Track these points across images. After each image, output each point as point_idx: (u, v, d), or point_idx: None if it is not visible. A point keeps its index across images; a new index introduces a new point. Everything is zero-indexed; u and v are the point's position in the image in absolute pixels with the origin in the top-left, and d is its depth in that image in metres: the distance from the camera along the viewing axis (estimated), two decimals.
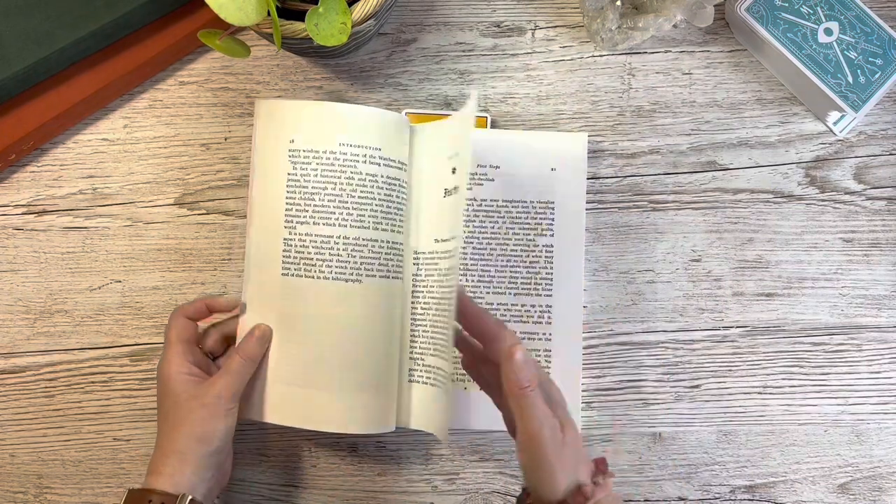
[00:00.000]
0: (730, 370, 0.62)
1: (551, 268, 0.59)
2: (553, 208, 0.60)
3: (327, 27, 0.50)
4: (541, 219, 0.60)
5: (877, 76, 0.61)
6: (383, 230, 0.56)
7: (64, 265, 0.61)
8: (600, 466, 0.47)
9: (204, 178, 0.62)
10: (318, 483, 0.60)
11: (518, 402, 0.45)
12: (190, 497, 0.48)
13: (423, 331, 0.59)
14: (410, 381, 0.59)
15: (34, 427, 0.60)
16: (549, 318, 0.59)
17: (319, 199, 0.55)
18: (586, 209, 0.61)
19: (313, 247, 0.55)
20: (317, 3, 0.50)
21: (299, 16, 0.51)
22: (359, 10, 0.52)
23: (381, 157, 0.56)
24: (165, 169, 0.62)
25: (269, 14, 0.49)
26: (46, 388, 0.60)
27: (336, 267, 0.55)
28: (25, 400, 0.60)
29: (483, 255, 0.59)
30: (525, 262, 0.59)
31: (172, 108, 0.63)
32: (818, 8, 0.61)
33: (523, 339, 0.59)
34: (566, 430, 0.45)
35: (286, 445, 0.60)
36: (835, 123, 0.63)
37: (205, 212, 0.62)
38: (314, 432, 0.60)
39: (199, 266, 0.61)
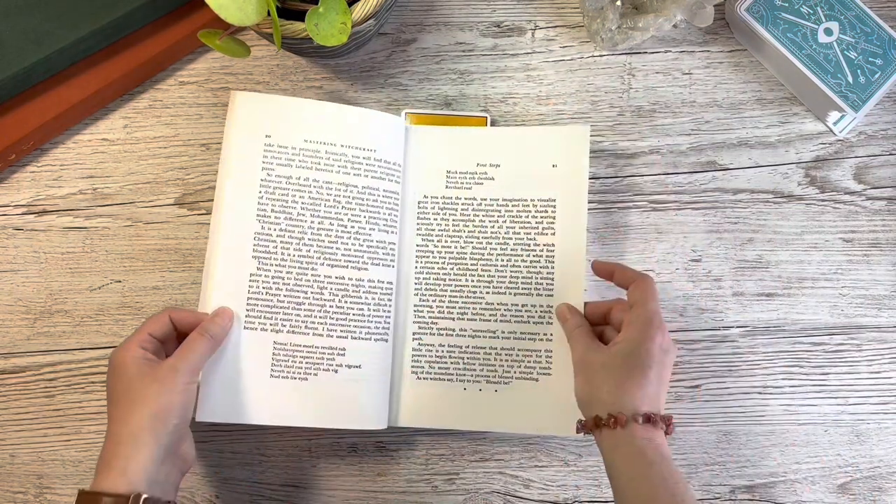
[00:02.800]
0: (730, 370, 0.62)
1: (552, 267, 0.59)
2: (555, 206, 0.59)
3: (327, 27, 0.50)
4: (542, 217, 0.60)
5: (877, 76, 0.61)
6: (362, 226, 0.56)
7: (64, 265, 0.61)
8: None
9: (204, 178, 0.62)
10: (318, 483, 0.60)
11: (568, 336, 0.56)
12: (144, 496, 0.45)
13: (426, 324, 0.59)
14: (415, 375, 0.59)
15: (34, 427, 0.60)
16: (549, 318, 0.59)
17: (294, 197, 0.55)
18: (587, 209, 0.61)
19: (290, 236, 0.55)
20: (317, 3, 0.50)
21: (299, 16, 0.51)
22: (359, 10, 0.52)
23: (374, 158, 0.57)
24: (165, 169, 0.62)
25: (269, 14, 0.49)
26: (46, 388, 0.60)
27: (316, 254, 0.55)
28: (25, 400, 0.60)
29: (483, 254, 0.59)
30: (526, 261, 0.59)
31: (172, 108, 0.63)
32: (818, 8, 0.61)
33: (523, 338, 0.59)
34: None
35: (286, 445, 0.60)
36: (835, 123, 0.63)
37: (205, 212, 0.62)
38: (314, 432, 0.60)
39: (198, 266, 0.61)
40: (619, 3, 0.61)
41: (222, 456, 0.60)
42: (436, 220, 0.60)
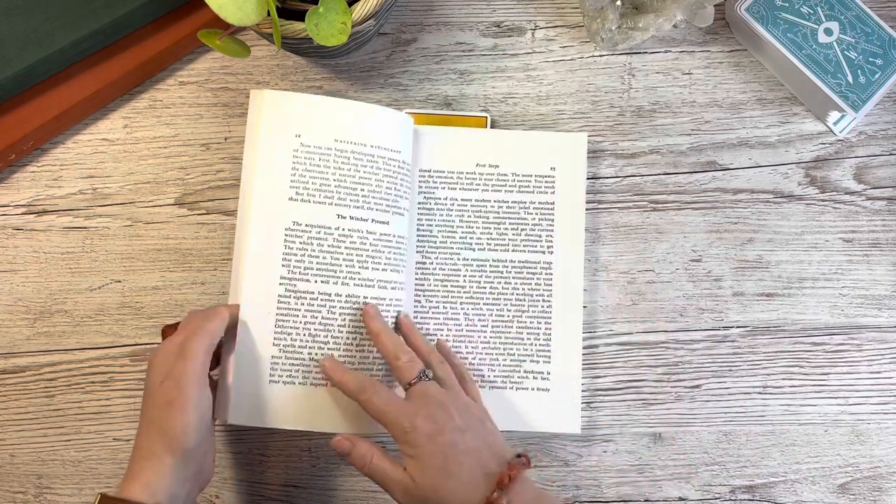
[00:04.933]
0: (730, 370, 0.62)
1: (550, 269, 0.59)
2: (552, 208, 0.60)
3: (327, 27, 0.50)
4: (540, 219, 0.60)
5: (877, 76, 0.61)
6: (388, 224, 0.56)
7: (64, 265, 0.61)
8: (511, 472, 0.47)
9: (204, 178, 0.62)
10: (318, 483, 0.60)
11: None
12: None
13: (428, 329, 0.59)
14: None
15: (34, 427, 0.60)
16: (547, 319, 0.59)
17: (322, 189, 0.55)
18: (586, 209, 0.61)
19: (317, 241, 0.55)
20: (317, 3, 0.50)
21: (299, 16, 0.51)
22: (359, 10, 0.52)
23: (402, 161, 0.56)
24: (165, 169, 0.62)
25: (269, 14, 0.49)
26: (46, 388, 0.60)
27: (345, 264, 0.55)
28: (25, 400, 0.60)
29: (482, 255, 0.59)
30: (524, 262, 0.59)
31: (172, 108, 0.63)
32: (818, 8, 0.61)
33: (522, 341, 0.59)
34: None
35: (286, 445, 0.60)
36: (835, 123, 0.63)
37: (205, 212, 0.62)
38: (314, 432, 0.60)
39: (199, 266, 0.61)
40: (619, 3, 0.61)
41: (222, 456, 0.60)
42: (435, 220, 0.60)
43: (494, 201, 0.60)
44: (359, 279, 0.54)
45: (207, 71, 0.63)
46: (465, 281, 0.59)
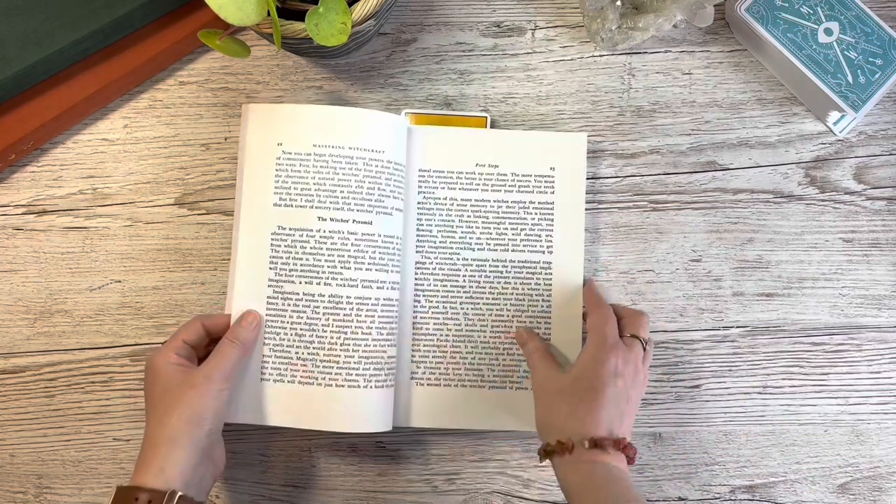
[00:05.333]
0: (730, 370, 0.62)
1: (550, 270, 0.59)
2: (552, 208, 0.60)
3: (327, 27, 0.50)
4: (539, 219, 0.60)
5: (877, 76, 0.61)
6: (371, 224, 0.56)
7: (64, 265, 0.61)
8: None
9: (204, 178, 0.62)
10: (318, 483, 0.60)
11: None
12: (179, 493, 0.47)
13: (427, 329, 0.59)
14: (413, 379, 0.59)
15: (34, 427, 0.60)
16: (547, 319, 0.59)
17: (303, 193, 0.55)
18: (586, 209, 0.61)
19: (300, 244, 0.55)
20: (317, 3, 0.50)
21: (299, 16, 0.51)
22: (359, 10, 0.52)
23: (387, 160, 0.56)
24: (165, 169, 0.62)
25: (269, 14, 0.49)
26: (46, 388, 0.60)
27: (327, 265, 0.55)
28: (25, 400, 0.60)
29: (482, 256, 0.59)
30: (524, 262, 0.59)
31: (172, 108, 0.63)
32: (818, 8, 0.61)
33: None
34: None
35: (286, 445, 0.60)
36: (835, 123, 0.63)
37: (205, 212, 0.62)
38: (314, 432, 0.60)
39: (198, 266, 0.61)
40: (619, 3, 0.61)
41: None
42: (435, 220, 0.60)
43: (494, 201, 0.60)
44: (341, 279, 0.55)
45: (207, 71, 0.63)
46: (464, 281, 0.59)
